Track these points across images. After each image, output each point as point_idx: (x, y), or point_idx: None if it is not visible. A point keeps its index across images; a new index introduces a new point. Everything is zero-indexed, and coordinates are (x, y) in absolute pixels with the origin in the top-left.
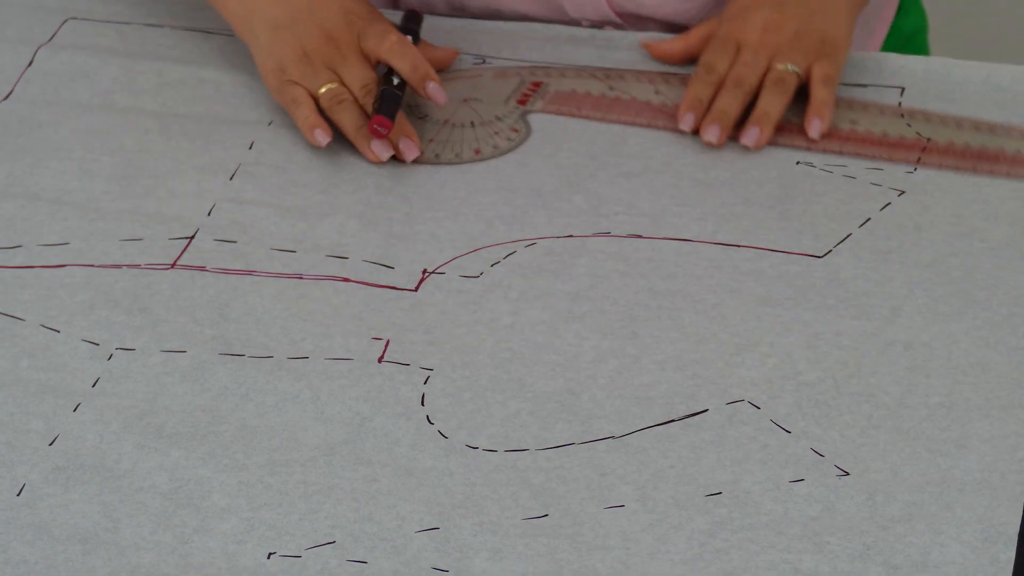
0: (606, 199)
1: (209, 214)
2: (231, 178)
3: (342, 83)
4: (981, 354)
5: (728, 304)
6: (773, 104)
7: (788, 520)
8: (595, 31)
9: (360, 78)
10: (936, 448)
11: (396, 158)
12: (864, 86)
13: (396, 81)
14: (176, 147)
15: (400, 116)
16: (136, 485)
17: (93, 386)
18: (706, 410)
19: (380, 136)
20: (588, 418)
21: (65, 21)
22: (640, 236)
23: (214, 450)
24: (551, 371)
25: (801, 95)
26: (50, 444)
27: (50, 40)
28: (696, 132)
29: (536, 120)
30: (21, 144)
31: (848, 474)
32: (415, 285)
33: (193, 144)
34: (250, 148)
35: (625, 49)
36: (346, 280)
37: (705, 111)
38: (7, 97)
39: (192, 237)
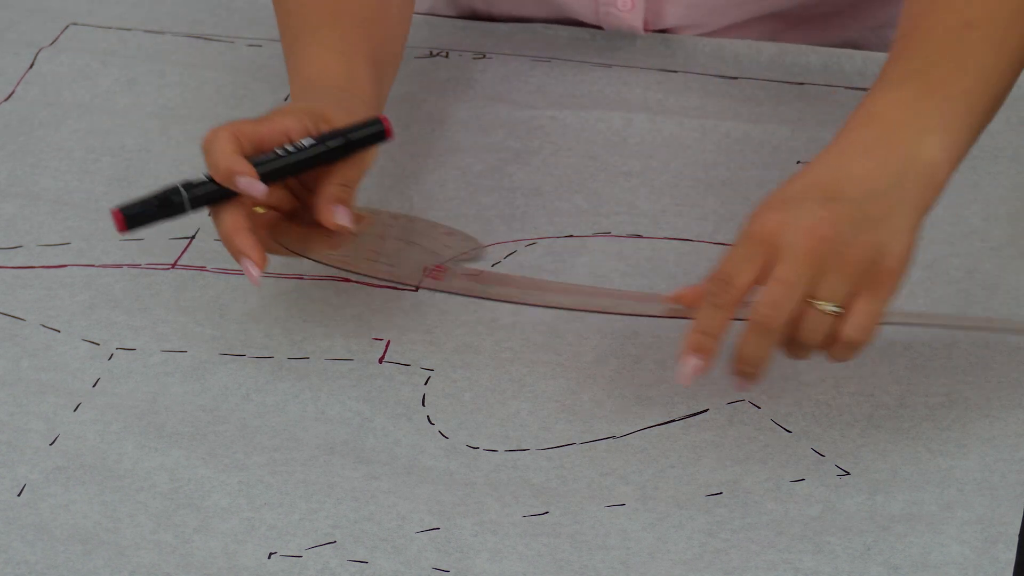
0: (606, 199)
1: (210, 214)
2: None
3: None
4: (981, 354)
5: None
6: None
7: (788, 520)
8: (596, 31)
9: None
10: (936, 448)
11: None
12: (864, 89)
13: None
14: (176, 147)
15: (227, 229)
16: (136, 485)
17: (94, 386)
18: (706, 410)
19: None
20: (588, 418)
21: (67, 26)
22: (640, 236)
23: (214, 450)
24: (551, 371)
25: None
26: (51, 444)
27: (52, 44)
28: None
29: (536, 120)
30: (22, 144)
31: (848, 474)
32: (415, 285)
33: (193, 144)
34: None
35: (626, 49)
36: (346, 280)
37: (716, 349)
38: (8, 98)
39: (193, 237)
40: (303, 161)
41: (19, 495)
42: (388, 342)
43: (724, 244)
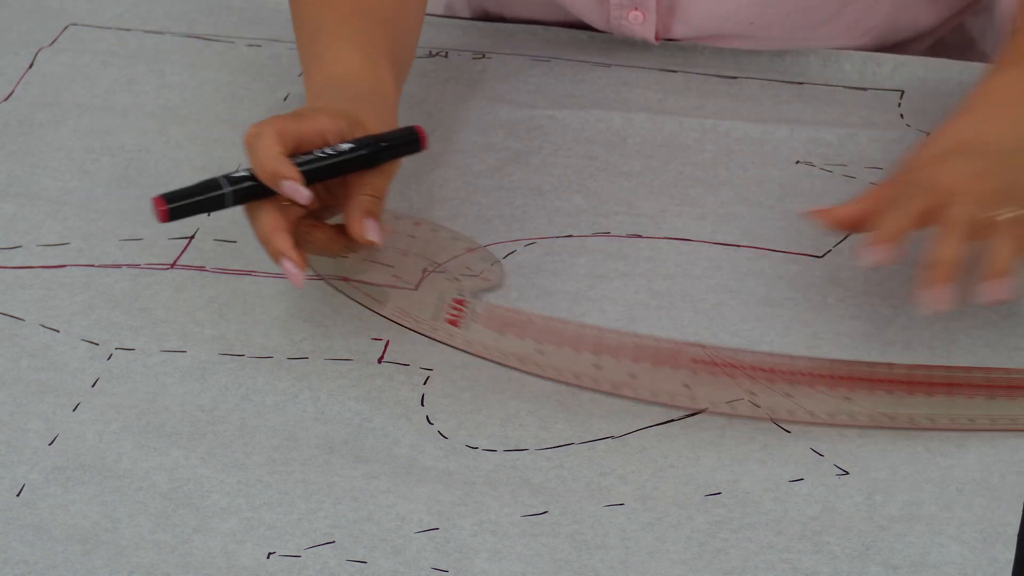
0: (606, 199)
1: (209, 214)
2: None
3: None
4: (981, 354)
5: (728, 304)
6: (1010, 252)
7: (788, 520)
8: (595, 34)
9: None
10: (936, 448)
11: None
12: (863, 89)
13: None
14: (176, 147)
15: (267, 229)
16: (136, 485)
17: (93, 386)
18: (706, 410)
19: (157, 216)
20: (588, 418)
21: (67, 26)
22: (640, 236)
23: (214, 450)
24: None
25: None
26: (50, 444)
27: (51, 44)
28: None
29: (536, 120)
30: (21, 144)
31: (848, 474)
32: (415, 285)
33: (193, 144)
34: None
35: (626, 50)
36: (346, 280)
37: (902, 245)
38: (7, 98)
39: (192, 237)
40: (339, 166)
41: (18, 495)
42: (387, 342)
43: (724, 244)
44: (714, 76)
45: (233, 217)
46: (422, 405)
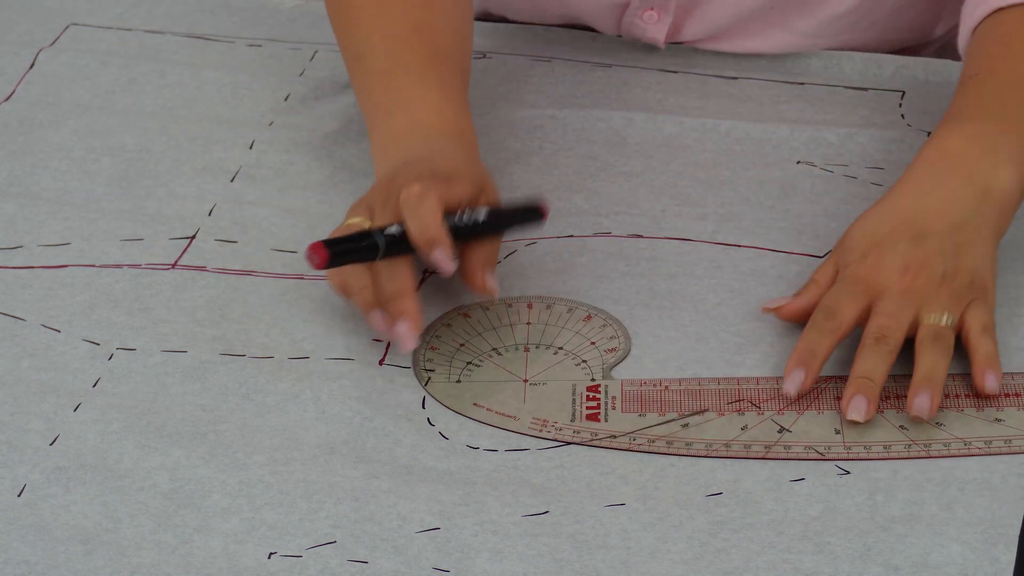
0: (606, 199)
1: (210, 214)
2: (232, 180)
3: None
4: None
5: (728, 304)
6: (938, 366)
7: (788, 520)
8: (596, 34)
9: (382, 223)
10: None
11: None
12: (864, 90)
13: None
14: (176, 147)
15: (400, 287)
16: (137, 485)
17: (94, 386)
18: (706, 410)
19: (310, 262)
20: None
21: (67, 27)
22: (640, 236)
23: (215, 450)
24: None
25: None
26: (51, 444)
27: (52, 44)
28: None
29: (536, 120)
30: (22, 144)
31: (848, 474)
32: (415, 286)
33: (193, 144)
34: (250, 148)
35: (627, 50)
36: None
37: (819, 368)
38: (8, 98)
39: (193, 237)
40: (471, 230)
41: (19, 495)
42: (388, 344)
43: (724, 244)
44: (715, 76)
45: (233, 218)
46: (423, 408)
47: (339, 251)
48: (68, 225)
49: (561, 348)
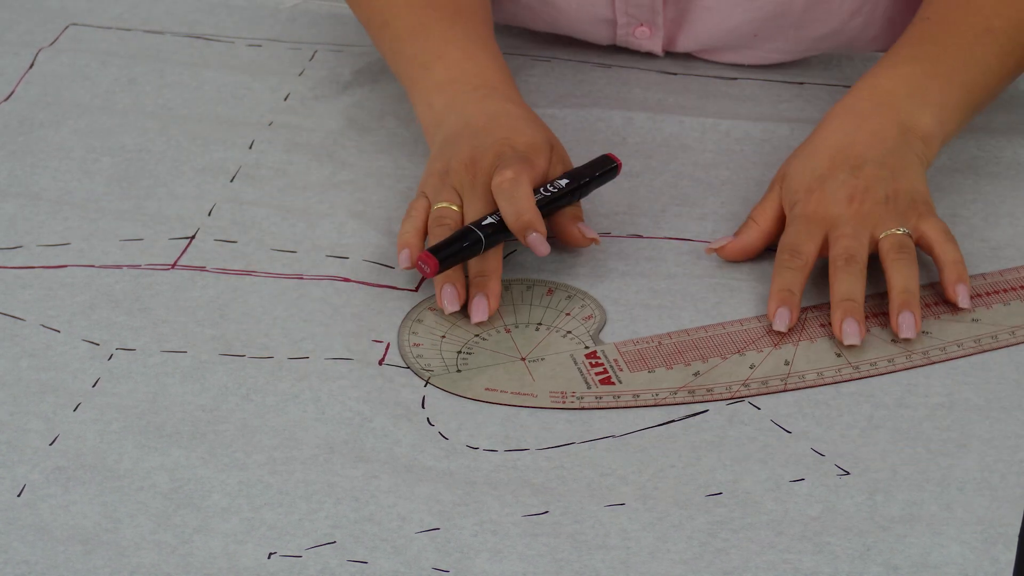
0: (606, 199)
1: (209, 214)
2: (232, 179)
3: (460, 208)
4: (981, 354)
5: (728, 304)
6: (910, 277)
7: (788, 520)
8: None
9: (477, 209)
10: (936, 448)
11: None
12: None
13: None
14: (176, 147)
15: (489, 268)
16: (136, 485)
17: (93, 386)
18: (706, 410)
19: (422, 271)
20: (588, 418)
21: (67, 27)
22: (640, 236)
23: (214, 450)
24: None
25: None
26: (50, 444)
27: (52, 44)
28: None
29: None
30: (22, 144)
31: (848, 474)
32: (416, 285)
33: (193, 144)
34: (250, 148)
35: (627, 51)
36: (346, 280)
37: (799, 303)
38: (8, 98)
39: (192, 237)
40: (557, 199)
41: (19, 495)
42: (388, 344)
43: None
44: (714, 76)
45: (233, 218)
46: (423, 408)
47: (447, 255)
48: (68, 225)
49: (540, 324)
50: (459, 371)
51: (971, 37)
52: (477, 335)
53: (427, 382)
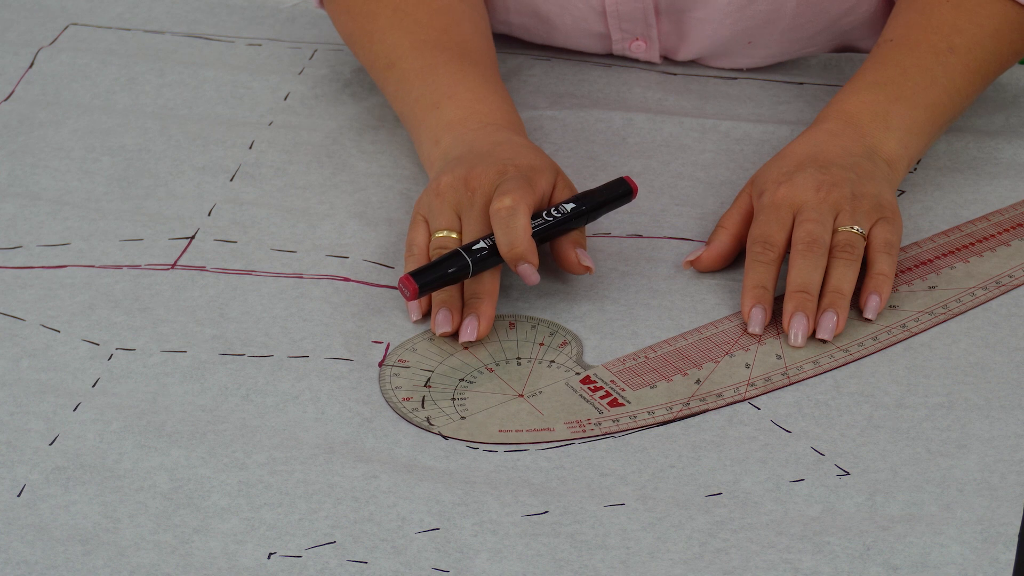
0: None
1: (209, 214)
2: (231, 179)
3: (460, 234)
4: (981, 354)
5: (728, 304)
6: (844, 278)
7: (788, 520)
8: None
9: (475, 231)
10: (936, 448)
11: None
12: None
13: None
14: (176, 147)
15: (483, 289)
16: (136, 485)
17: (93, 386)
18: (706, 410)
19: (402, 293)
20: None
21: (67, 26)
22: (640, 236)
23: (214, 450)
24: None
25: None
26: (50, 444)
27: (52, 43)
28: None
29: (536, 120)
30: (22, 144)
31: (848, 474)
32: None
33: (193, 144)
34: (250, 148)
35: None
36: (346, 280)
37: (772, 299)
38: (8, 98)
39: (192, 237)
40: (563, 223)
41: (19, 495)
42: (388, 345)
43: None
44: (714, 76)
45: (233, 217)
46: (422, 407)
47: (428, 280)
48: (68, 225)
49: (519, 358)
50: (463, 418)
51: (932, 57)
52: (462, 380)
53: (444, 435)
